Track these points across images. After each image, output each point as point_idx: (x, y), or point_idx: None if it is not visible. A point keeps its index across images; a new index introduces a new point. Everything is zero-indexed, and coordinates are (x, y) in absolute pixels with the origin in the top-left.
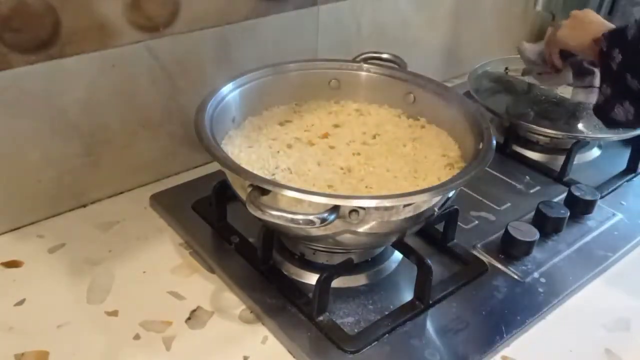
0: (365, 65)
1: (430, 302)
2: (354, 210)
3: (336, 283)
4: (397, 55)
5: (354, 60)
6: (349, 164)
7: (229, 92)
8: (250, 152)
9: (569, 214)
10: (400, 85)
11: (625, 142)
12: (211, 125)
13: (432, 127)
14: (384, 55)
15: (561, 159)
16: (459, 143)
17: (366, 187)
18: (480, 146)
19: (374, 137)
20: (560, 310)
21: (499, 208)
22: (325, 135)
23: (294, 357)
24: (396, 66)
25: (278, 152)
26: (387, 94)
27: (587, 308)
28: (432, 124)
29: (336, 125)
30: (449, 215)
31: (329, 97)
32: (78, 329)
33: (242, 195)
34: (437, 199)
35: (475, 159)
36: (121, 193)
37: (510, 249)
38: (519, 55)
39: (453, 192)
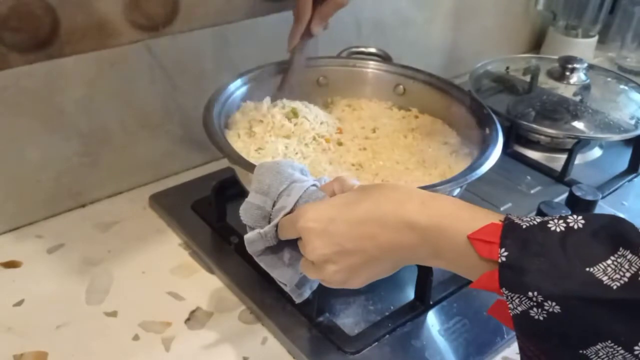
0: (351, 61)
1: (431, 302)
2: None
3: None
4: (382, 49)
5: (339, 56)
6: (358, 160)
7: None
8: (259, 157)
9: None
10: (389, 78)
11: (627, 142)
12: (219, 123)
13: (426, 117)
14: (370, 50)
15: (562, 159)
16: (456, 130)
17: (382, 181)
18: (487, 131)
19: (374, 130)
20: None
21: (499, 208)
22: (340, 131)
23: (293, 358)
24: (380, 59)
25: (296, 153)
26: (375, 87)
27: None
28: (424, 113)
29: (338, 119)
30: None
31: (319, 94)
32: (77, 329)
33: None
34: (460, 188)
35: (488, 143)
36: (120, 193)
37: None
38: (520, 55)
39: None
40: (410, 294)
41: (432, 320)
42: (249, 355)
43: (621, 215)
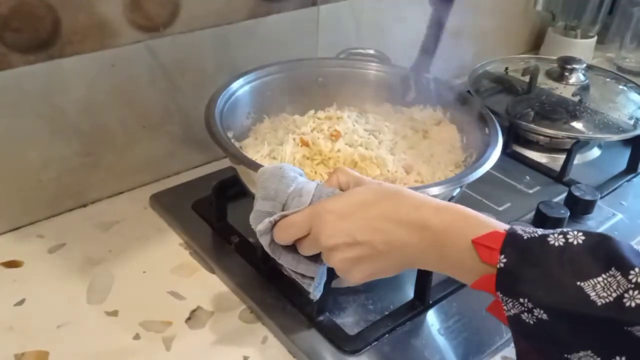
0: (350, 62)
1: (430, 302)
2: None
3: (336, 283)
4: (381, 50)
5: (337, 57)
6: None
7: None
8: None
9: (569, 214)
10: (388, 79)
11: (626, 142)
12: (221, 123)
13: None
14: (368, 51)
15: (561, 158)
16: (457, 130)
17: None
18: (486, 132)
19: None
20: None
21: (499, 208)
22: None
23: (293, 357)
24: (378, 61)
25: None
26: (374, 88)
27: None
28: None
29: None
30: None
31: (318, 95)
32: (78, 329)
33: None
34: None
35: (487, 144)
36: (121, 193)
37: None
38: (519, 55)
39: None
40: (409, 293)
41: (432, 319)
42: (249, 355)
43: (620, 215)
